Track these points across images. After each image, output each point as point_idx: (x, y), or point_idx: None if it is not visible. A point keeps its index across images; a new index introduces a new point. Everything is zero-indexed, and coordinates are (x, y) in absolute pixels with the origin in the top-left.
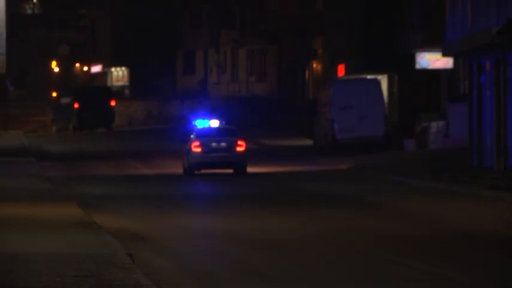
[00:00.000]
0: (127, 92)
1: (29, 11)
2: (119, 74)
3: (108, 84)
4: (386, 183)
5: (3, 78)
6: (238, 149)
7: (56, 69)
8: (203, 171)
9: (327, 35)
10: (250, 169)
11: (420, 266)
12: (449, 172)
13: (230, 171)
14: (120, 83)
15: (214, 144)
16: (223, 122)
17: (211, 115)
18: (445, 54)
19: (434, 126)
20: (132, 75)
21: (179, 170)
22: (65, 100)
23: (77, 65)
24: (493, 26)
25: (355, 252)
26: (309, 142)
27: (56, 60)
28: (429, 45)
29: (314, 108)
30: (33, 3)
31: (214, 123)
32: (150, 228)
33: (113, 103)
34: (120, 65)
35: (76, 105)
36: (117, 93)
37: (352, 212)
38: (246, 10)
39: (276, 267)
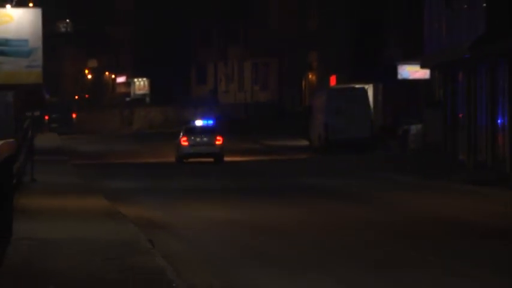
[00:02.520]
0: (147, 99)
1: (62, 29)
2: (140, 84)
3: (131, 92)
4: (372, 178)
5: (40, 88)
6: (217, 142)
7: (89, 76)
8: (190, 159)
9: (321, 50)
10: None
11: (401, 248)
12: (427, 168)
13: (210, 160)
14: (141, 92)
15: (198, 139)
16: (213, 122)
17: (203, 117)
18: (423, 67)
19: (414, 128)
20: (152, 85)
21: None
22: (36, 113)
23: (106, 73)
24: (464, 42)
25: (344, 235)
26: (305, 143)
27: (88, 69)
28: (409, 59)
29: (309, 113)
30: (66, 23)
31: (199, 122)
32: (167, 216)
33: (73, 115)
34: (142, 76)
35: (46, 117)
36: (139, 100)
37: (344, 204)
38: (251, 28)
39: (275, 249)
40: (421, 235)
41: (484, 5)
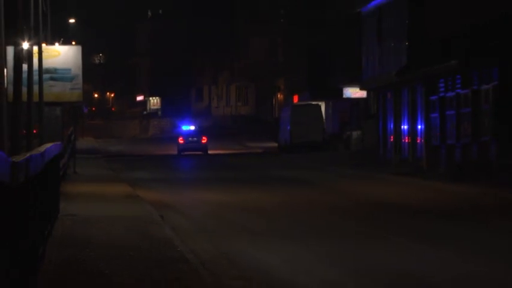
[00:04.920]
0: (159, 113)
1: (97, 61)
2: (154, 101)
3: (148, 107)
4: (325, 170)
5: (80, 104)
6: (203, 141)
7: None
8: (186, 153)
9: (286, 77)
10: (236, 161)
11: (353, 225)
12: (365, 164)
13: (200, 153)
14: (155, 107)
15: (190, 139)
16: (197, 127)
17: (189, 124)
18: (361, 89)
19: (355, 134)
20: (162, 102)
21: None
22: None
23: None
24: (392, 70)
25: (308, 215)
26: (275, 144)
27: (113, 92)
28: (351, 83)
29: (278, 123)
30: (100, 56)
31: (191, 127)
32: (174, 199)
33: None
34: (155, 95)
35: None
36: (153, 113)
37: (305, 189)
38: (235, 60)
39: (255, 224)
40: (364, 213)
41: (406, 43)
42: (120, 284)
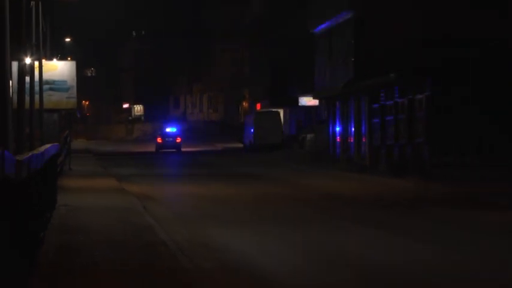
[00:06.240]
0: (143, 118)
1: (89, 74)
2: (138, 108)
3: (132, 114)
4: (284, 167)
5: (75, 111)
6: (178, 140)
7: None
8: (163, 150)
9: (251, 87)
10: (206, 158)
11: (312, 211)
12: (318, 162)
13: (174, 150)
14: (139, 113)
15: (167, 138)
16: (177, 129)
17: (170, 125)
18: (314, 98)
19: (309, 136)
20: (145, 109)
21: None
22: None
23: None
24: (340, 82)
25: (271, 205)
26: (241, 145)
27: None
28: (305, 93)
29: (243, 127)
30: (91, 70)
31: (168, 129)
32: (156, 191)
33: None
34: (139, 103)
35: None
36: (137, 119)
37: (269, 183)
38: (207, 73)
39: (224, 212)
40: (317, 203)
41: (352, 59)
42: (106, 261)
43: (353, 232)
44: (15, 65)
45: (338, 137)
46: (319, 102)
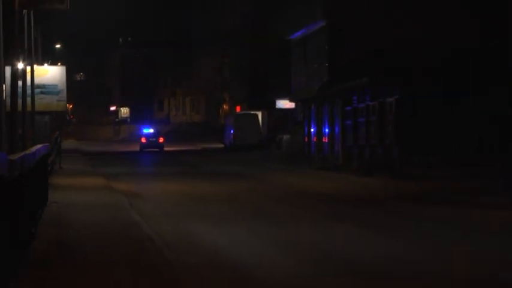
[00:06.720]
0: (129, 120)
1: (78, 78)
2: (124, 111)
3: (119, 115)
4: (262, 166)
5: (65, 113)
6: (160, 140)
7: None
8: (146, 149)
9: (231, 91)
10: (188, 158)
11: (289, 209)
12: (294, 161)
13: (157, 150)
14: (125, 115)
15: (150, 139)
16: (155, 130)
17: (149, 127)
18: (291, 101)
19: (285, 137)
20: (131, 111)
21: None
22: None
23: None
24: (315, 86)
25: (249, 202)
26: (221, 145)
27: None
28: (282, 96)
29: (224, 128)
30: (80, 75)
31: (150, 130)
32: (142, 189)
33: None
34: (125, 106)
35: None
36: (124, 120)
37: (251, 181)
38: (190, 77)
39: (206, 209)
40: (292, 199)
41: (327, 65)
42: (94, 254)
43: (324, 226)
44: (8, 70)
45: (313, 138)
46: (296, 104)
